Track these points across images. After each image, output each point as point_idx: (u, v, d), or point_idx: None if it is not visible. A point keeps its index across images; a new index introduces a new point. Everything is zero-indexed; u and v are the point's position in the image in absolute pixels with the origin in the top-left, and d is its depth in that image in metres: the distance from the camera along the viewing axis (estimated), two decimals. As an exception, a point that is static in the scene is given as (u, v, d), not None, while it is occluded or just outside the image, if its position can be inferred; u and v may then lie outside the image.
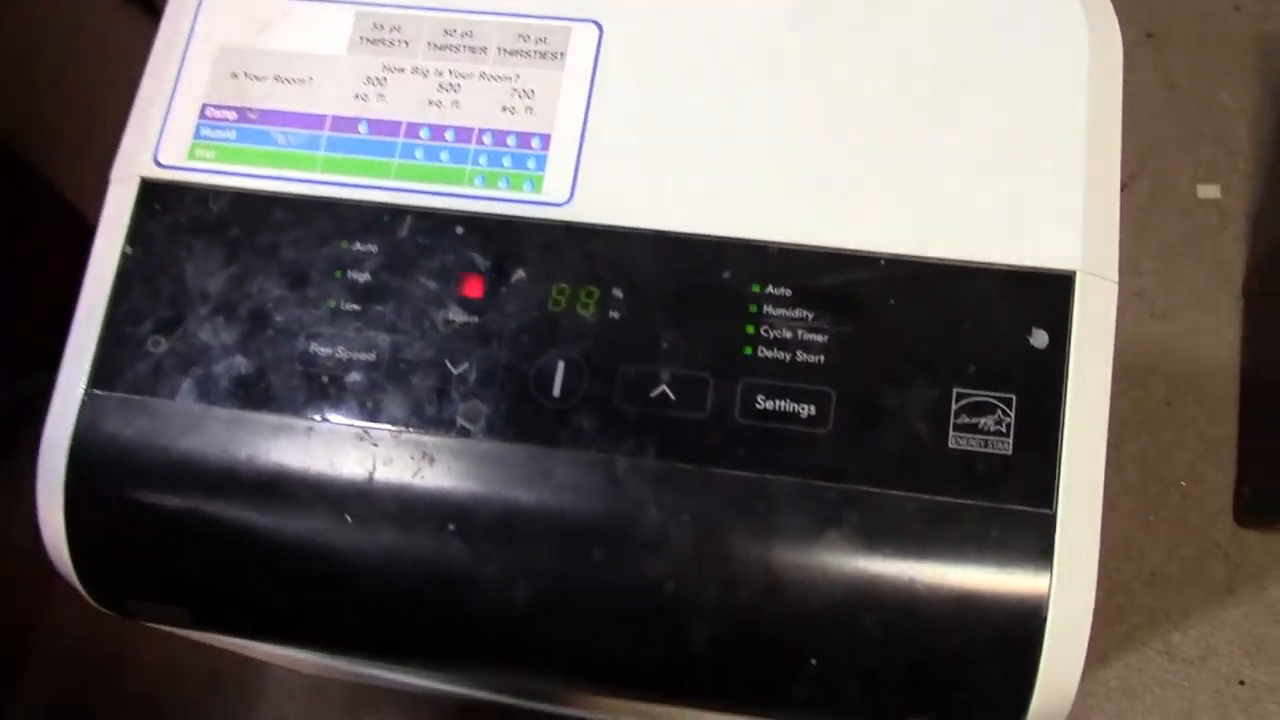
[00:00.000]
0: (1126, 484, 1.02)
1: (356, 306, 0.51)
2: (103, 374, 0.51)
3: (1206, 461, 1.03)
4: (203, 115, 0.55)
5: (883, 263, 0.49)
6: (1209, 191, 1.10)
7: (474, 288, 0.51)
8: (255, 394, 0.50)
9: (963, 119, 0.51)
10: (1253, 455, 1.01)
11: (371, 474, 0.49)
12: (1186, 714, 0.96)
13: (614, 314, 0.50)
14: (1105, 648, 0.94)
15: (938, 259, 0.49)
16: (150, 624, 0.56)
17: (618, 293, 0.50)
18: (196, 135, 0.54)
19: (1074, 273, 0.48)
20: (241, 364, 0.51)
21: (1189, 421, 1.04)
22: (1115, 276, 0.49)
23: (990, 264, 0.49)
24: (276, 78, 0.55)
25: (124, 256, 0.53)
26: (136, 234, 0.53)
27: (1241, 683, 0.97)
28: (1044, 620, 0.45)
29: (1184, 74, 1.14)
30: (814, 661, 0.47)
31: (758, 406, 0.48)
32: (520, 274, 0.51)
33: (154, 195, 0.53)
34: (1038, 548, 0.46)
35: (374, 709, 1.02)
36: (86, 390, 0.51)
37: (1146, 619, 0.99)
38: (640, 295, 0.50)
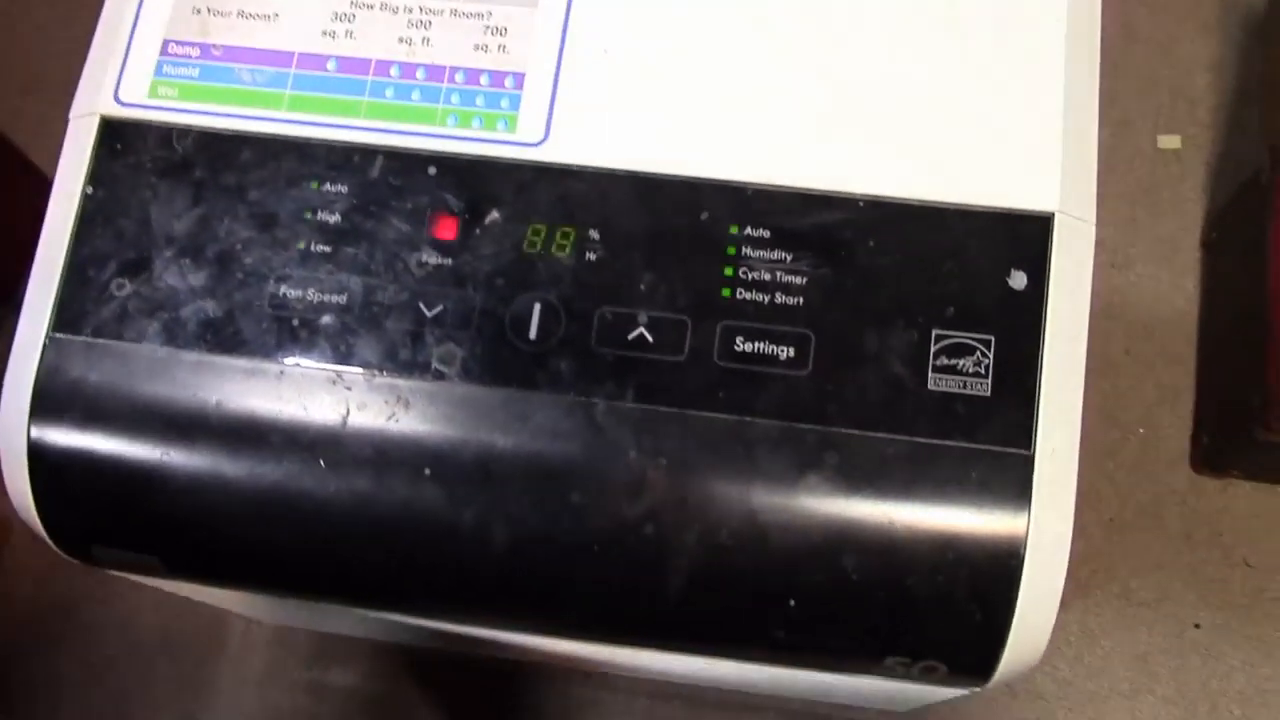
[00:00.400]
0: (1085, 431, 1.03)
1: (327, 248, 0.50)
2: (65, 317, 0.50)
3: (1164, 409, 1.04)
4: (164, 52, 0.53)
5: (862, 204, 0.49)
6: (1169, 142, 1.10)
7: (448, 229, 0.50)
8: (224, 337, 0.49)
9: (942, 60, 0.50)
10: (1210, 403, 1.02)
11: (345, 418, 0.48)
12: (1143, 657, 0.98)
13: (590, 256, 0.49)
14: (1064, 593, 0.95)
15: (917, 200, 0.49)
16: (117, 573, 0.55)
17: (594, 234, 0.49)
18: (158, 72, 0.53)
19: (1052, 214, 0.48)
20: (209, 307, 0.50)
21: (1147, 369, 1.05)
22: (1093, 218, 0.49)
23: (969, 206, 0.49)
24: (241, 13, 0.53)
25: (85, 197, 0.51)
26: (98, 174, 0.51)
27: (1197, 626, 0.98)
28: (1021, 560, 0.46)
29: (1145, 24, 1.14)
30: (793, 603, 0.47)
31: (736, 349, 0.48)
32: (495, 215, 0.50)
33: (115, 134, 0.52)
34: (1016, 488, 0.46)
35: (339, 661, 1.02)
36: (48, 334, 0.50)
37: (1104, 564, 1.00)
38: (617, 237, 0.49)
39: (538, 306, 0.49)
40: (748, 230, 0.49)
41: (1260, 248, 0.94)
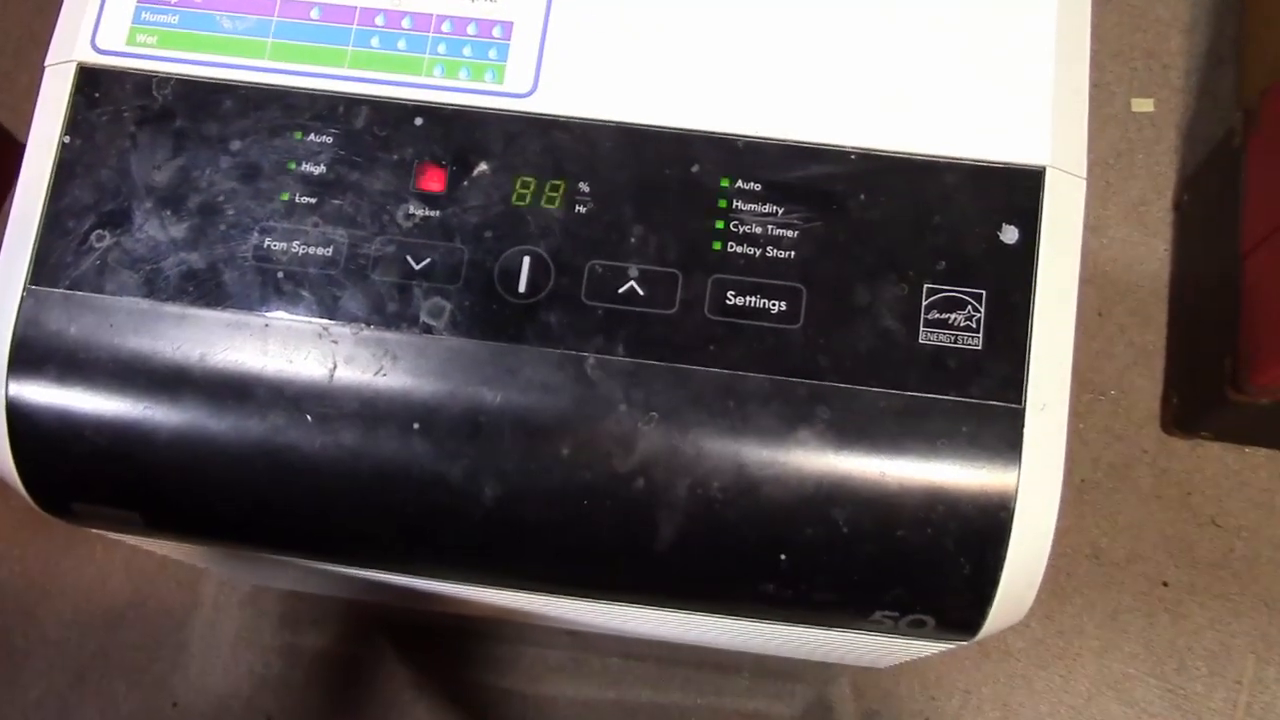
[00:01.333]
0: (1058, 393, 1.04)
1: (312, 200, 0.49)
2: (44, 270, 0.49)
3: (1135, 371, 1.05)
4: (142, -2, 0.52)
5: (853, 157, 0.49)
6: (1143, 105, 1.11)
7: (435, 181, 0.49)
8: (207, 290, 0.49)
9: (933, 12, 0.50)
10: (1181, 365, 1.03)
11: (332, 372, 0.48)
12: (1113, 614, 0.99)
13: (580, 208, 0.49)
14: (1035, 553, 0.96)
15: (908, 153, 0.48)
16: (95, 529, 0.54)
17: (584, 186, 0.49)
18: (136, 19, 0.52)
19: (1044, 168, 0.48)
20: (192, 259, 0.49)
21: (1119, 331, 1.06)
22: (1084, 173, 0.49)
23: (961, 159, 0.48)
24: (221, -41, 0.52)
25: (62, 147, 0.50)
26: (75, 123, 0.50)
27: (1165, 584, 1.00)
28: (1011, 513, 0.46)
29: (1120, -13, 1.15)
30: (784, 557, 0.47)
31: (728, 302, 0.47)
32: (483, 167, 0.49)
33: (93, 82, 0.51)
34: (1006, 442, 0.46)
35: (311, 623, 1.01)
36: (26, 286, 0.49)
37: (1075, 524, 1.01)
38: (607, 189, 0.49)
39: (527, 259, 0.48)
40: (739, 183, 0.48)
41: (1232, 210, 0.95)
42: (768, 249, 0.48)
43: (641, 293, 0.48)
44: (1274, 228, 0.87)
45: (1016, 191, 0.48)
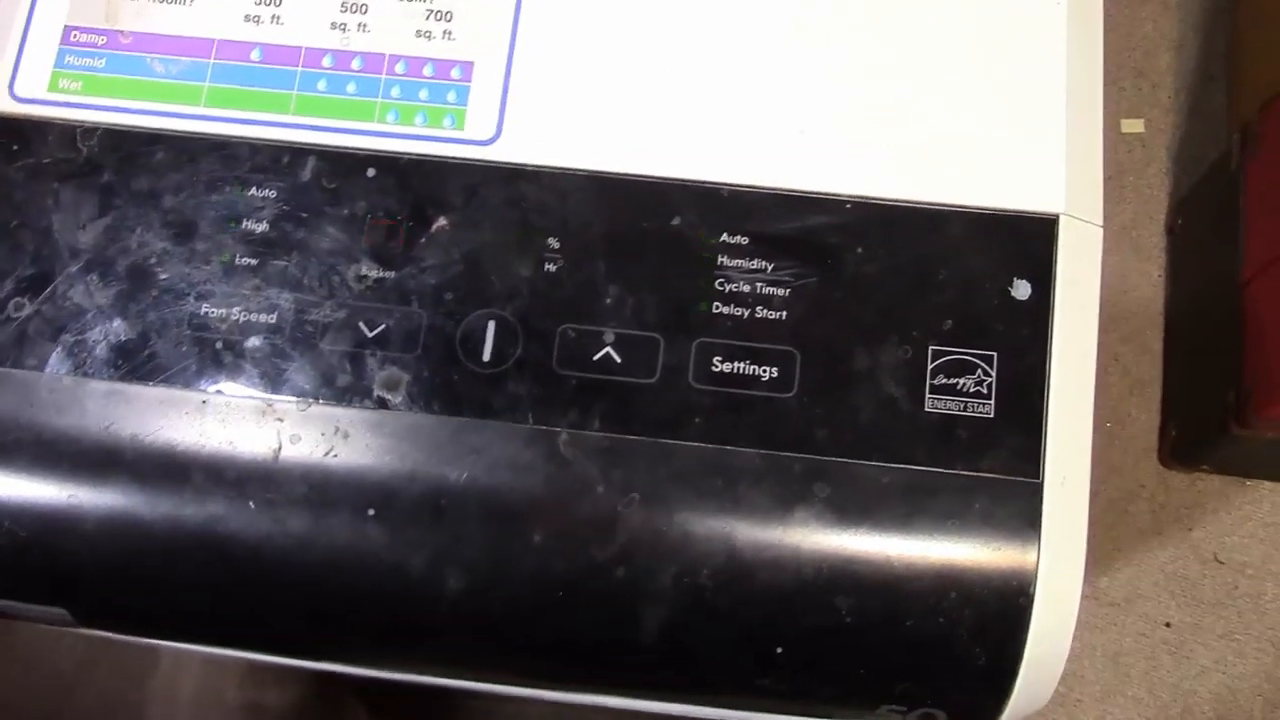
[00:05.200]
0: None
1: (253, 261, 0.45)
2: (-44, 342, 0.44)
3: (1131, 401, 1.01)
4: (66, 40, 0.47)
5: (849, 206, 0.44)
6: (1133, 126, 1.07)
7: (389, 239, 0.45)
8: (138, 363, 0.44)
9: (935, 49, 0.46)
10: (1179, 395, 1.00)
11: (277, 453, 0.43)
12: (1114, 656, 0.95)
13: (550, 267, 0.44)
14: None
15: (909, 202, 0.44)
16: (24, 623, 0.49)
17: (553, 243, 0.44)
18: (59, 63, 0.47)
19: (1057, 216, 0.44)
20: (121, 329, 0.44)
21: (1113, 360, 1.02)
22: (1100, 220, 0.45)
23: (966, 207, 0.44)
24: (152, -4, 0.47)
25: (-23, 205, 0.46)
26: (-9, 179, 0.46)
27: (1168, 624, 0.96)
28: (1030, 598, 0.42)
29: (1107, 4, 1.11)
30: (780, 650, 0.43)
31: (714, 369, 0.43)
32: (442, 222, 0.45)
33: (10, 133, 0.46)
34: (1024, 520, 0.42)
35: (274, 681, 0.96)
36: (-63, 361, 0.44)
37: (1072, 562, 0.98)
38: (579, 245, 0.44)
39: (491, 324, 0.44)
40: (724, 237, 0.44)
41: (1231, 236, 0.91)
42: (757, 309, 0.44)
43: (619, 360, 0.43)
44: (1278, 255, 0.83)
45: (1028, 242, 0.44)
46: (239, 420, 0.43)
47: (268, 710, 0.96)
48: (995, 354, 0.43)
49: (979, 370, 0.43)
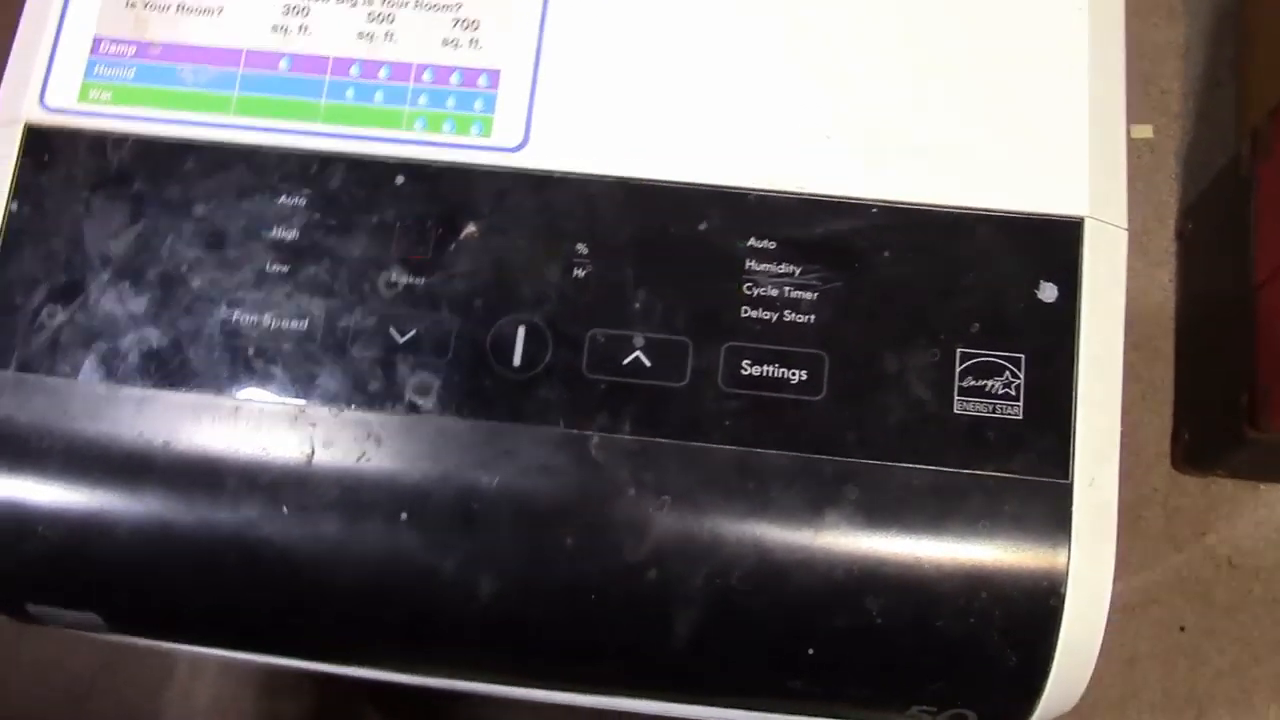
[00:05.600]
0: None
1: (284, 269, 0.45)
2: (-11, 350, 0.45)
3: (1144, 406, 1.01)
4: (95, 50, 0.48)
5: (875, 210, 0.45)
6: (1142, 131, 1.08)
7: (419, 245, 0.45)
8: (171, 370, 0.44)
9: (960, 54, 0.46)
10: (1191, 400, 1.00)
11: (310, 458, 0.43)
12: (1129, 661, 0.95)
13: (579, 272, 0.44)
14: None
15: (935, 206, 0.45)
16: (59, 628, 0.49)
17: (582, 248, 0.45)
18: (89, 74, 0.47)
19: (1083, 219, 0.44)
20: (154, 336, 0.44)
21: (1125, 366, 1.02)
22: (1125, 223, 0.45)
23: (992, 211, 0.45)
24: (181, 7, 0.48)
25: (9, 215, 0.46)
26: (23, 188, 0.46)
27: (1182, 629, 0.96)
28: (1062, 599, 0.42)
29: (1115, 11, 1.12)
30: (812, 651, 0.43)
31: (743, 373, 0.43)
32: (471, 229, 0.45)
33: (42, 143, 0.47)
34: (1054, 521, 0.42)
35: (290, 691, 0.96)
36: (-29, 369, 0.44)
37: (1086, 567, 0.98)
38: (607, 251, 0.45)
39: (522, 330, 0.44)
40: (751, 241, 0.44)
41: (1242, 240, 0.91)
42: (785, 313, 0.44)
43: (648, 364, 0.44)
44: (1290, 259, 0.84)
45: (1054, 245, 0.44)
46: (272, 426, 0.44)
47: (284, 719, 0.96)
48: (1023, 356, 0.43)
49: (1007, 372, 0.43)
